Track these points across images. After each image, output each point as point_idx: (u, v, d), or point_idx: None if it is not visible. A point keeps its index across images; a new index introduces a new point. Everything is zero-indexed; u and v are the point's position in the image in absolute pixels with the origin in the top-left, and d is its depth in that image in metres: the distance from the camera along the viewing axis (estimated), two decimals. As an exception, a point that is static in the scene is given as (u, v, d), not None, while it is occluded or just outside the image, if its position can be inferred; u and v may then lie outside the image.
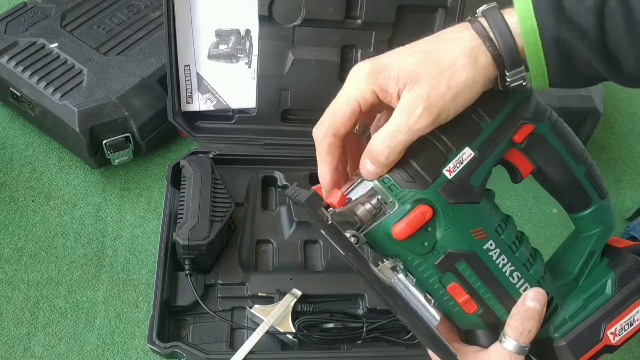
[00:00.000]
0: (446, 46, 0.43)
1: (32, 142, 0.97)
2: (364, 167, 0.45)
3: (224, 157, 0.88)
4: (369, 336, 0.75)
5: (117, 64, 0.93)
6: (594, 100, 0.97)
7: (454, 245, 0.47)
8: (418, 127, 0.42)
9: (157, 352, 0.69)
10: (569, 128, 0.50)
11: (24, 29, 0.96)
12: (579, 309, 0.51)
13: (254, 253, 0.82)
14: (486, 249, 0.48)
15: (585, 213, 0.52)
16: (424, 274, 0.48)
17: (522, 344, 0.48)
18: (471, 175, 0.46)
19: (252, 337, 0.71)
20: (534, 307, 0.48)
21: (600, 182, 0.51)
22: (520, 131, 0.47)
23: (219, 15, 0.87)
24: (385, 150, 0.43)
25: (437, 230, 0.46)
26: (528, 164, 0.49)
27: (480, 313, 0.49)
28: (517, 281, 0.49)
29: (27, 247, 0.85)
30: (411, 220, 0.45)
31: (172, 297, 0.75)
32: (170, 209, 0.82)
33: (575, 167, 0.50)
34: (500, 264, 0.48)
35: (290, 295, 0.76)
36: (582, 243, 0.53)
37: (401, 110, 0.42)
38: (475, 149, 0.46)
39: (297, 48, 0.88)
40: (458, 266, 0.47)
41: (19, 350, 0.76)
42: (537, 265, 0.50)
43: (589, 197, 0.51)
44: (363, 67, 0.44)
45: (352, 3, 0.86)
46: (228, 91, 0.90)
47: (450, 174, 0.45)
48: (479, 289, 0.48)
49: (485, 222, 0.48)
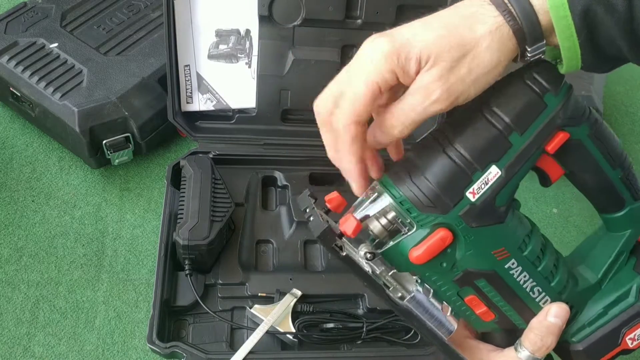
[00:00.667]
0: (469, 23, 0.39)
1: (32, 142, 0.96)
2: (372, 135, 0.43)
3: (224, 157, 0.88)
4: (369, 336, 0.75)
5: (117, 64, 0.93)
6: (594, 100, 0.97)
7: (474, 265, 0.44)
8: (433, 110, 0.40)
9: (157, 352, 0.69)
10: (609, 129, 0.46)
11: (24, 29, 0.96)
12: (599, 315, 0.49)
13: (254, 253, 0.82)
14: (507, 268, 0.45)
15: (618, 215, 0.49)
16: (442, 288, 0.46)
17: (537, 357, 0.47)
18: (497, 196, 0.42)
19: (252, 337, 0.71)
20: (555, 323, 0.47)
21: (635, 184, 0.48)
22: (555, 141, 0.43)
23: (219, 15, 0.87)
24: (399, 127, 0.41)
25: (457, 252, 0.43)
26: (559, 168, 0.46)
27: (497, 321, 0.48)
28: (537, 295, 0.47)
29: (27, 247, 0.85)
30: (430, 246, 0.42)
31: (172, 297, 0.75)
32: (170, 209, 0.82)
33: (612, 172, 0.46)
34: (522, 281, 0.46)
35: (290, 295, 0.76)
36: (611, 243, 0.50)
37: (418, 90, 0.40)
38: (502, 167, 0.41)
39: (297, 48, 0.88)
40: (477, 283, 0.45)
41: (19, 350, 0.76)
42: (559, 277, 0.48)
43: (623, 199, 0.48)
44: (381, 46, 0.40)
45: (352, 3, 0.86)
46: (228, 91, 0.90)
47: (474, 196, 0.42)
48: (497, 302, 0.47)
49: (508, 241, 0.45)
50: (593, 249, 0.52)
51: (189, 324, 0.75)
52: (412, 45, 0.39)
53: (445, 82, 0.39)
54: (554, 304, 0.47)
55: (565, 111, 0.42)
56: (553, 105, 0.42)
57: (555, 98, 0.42)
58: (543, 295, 0.47)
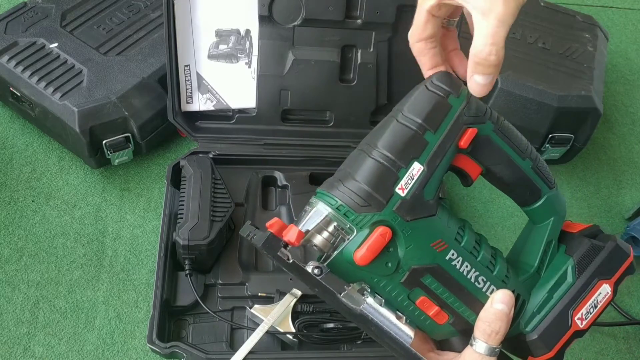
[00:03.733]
0: None
1: (32, 142, 0.96)
2: (474, 84, 0.45)
3: (224, 157, 0.88)
4: (369, 336, 0.75)
5: (117, 64, 0.93)
6: (594, 100, 0.97)
7: (417, 261, 0.47)
8: (506, 16, 0.42)
9: (157, 352, 0.69)
10: (511, 125, 0.51)
11: (24, 29, 0.96)
12: (544, 300, 0.52)
13: (254, 253, 0.82)
14: (449, 259, 0.48)
15: (537, 205, 0.53)
16: (392, 293, 0.48)
17: (492, 345, 0.49)
18: (424, 189, 0.47)
19: (252, 337, 0.71)
20: (501, 309, 0.49)
21: (547, 173, 0.53)
22: (465, 136, 0.48)
23: (219, 15, 0.87)
24: (493, 48, 0.42)
25: (398, 250, 0.46)
26: (476, 166, 0.50)
27: (451, 322, 0.50)
28: (482, 285, 0.50)
29: (27, 247, 0.85)
30: (372, 244, 0.45)
31: (172, 297, 0.75)
32: (170, 209, 0.82)
33: (522, 162, 0.51)
34: (465, 271, 0.49)
35: (290, 295, 0.76)
36: (539, 234, 0.54)
37: (481, 12, 0.42)
38: (423, 162, 0.47)
39: (297, 48, 0.88)
40: (424, 280, 0.48)
41: (19, 350, 0.76)
42: (499, 265, 0.51)
43: (539, 189, 0.52)
44: None
45: (352, 3, 0.86)
46: (228, 91, 0.90)
47: (403, 191, 0.46)
48: (447, 299, 0.49)
49: (444, 233, 0.48)
50: (524, 243, 0.56)
51: (189, 324, 0.75)
52: None
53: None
54: (497, 292, 0.50)
55: (469, 110, 0.48)
56: (457, 105, 0.47)
57: (457, 99, 0.48)
58: (488, 284, 0.50)
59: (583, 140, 1.00)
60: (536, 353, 0.52)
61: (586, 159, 1.11)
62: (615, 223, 1.03)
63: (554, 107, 0.94)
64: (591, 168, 1.10)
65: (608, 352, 0.88)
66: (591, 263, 0.53)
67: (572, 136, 0.99)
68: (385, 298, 0.48)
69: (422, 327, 0.50)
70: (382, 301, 0.48)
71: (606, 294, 0.53)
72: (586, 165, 1.10)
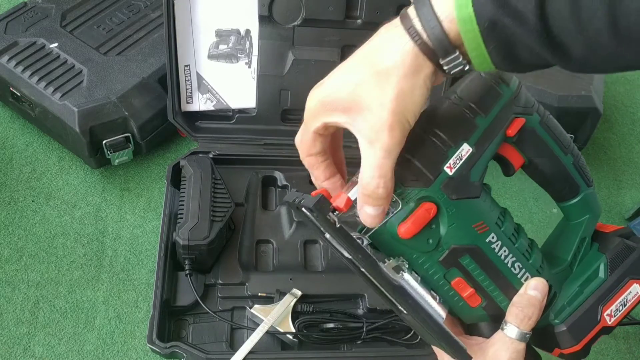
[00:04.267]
0: (383, 54, 0.41)
1: (32, 142, 0.97)
2: (364, 215, 0.44)
3: (224, 157, 0.88)
4: (369, 336, 0.75)
5: (117, 64, 0.93)
6: (594, 100, 0.97)
7: (458, 240, 0.48)
8: (391, 146, 0.41)
9: (157, 352, 0.69)
10: (556, 120, 0.52)
11: (24, 29, 0.96)
12: (575, 294, 0.53)
13: (254, 253, 0.82)
14: (488, 242, 0.49)
15: (574, 201, 0.54)
16: (429, 271, 0.49)
17: (523, 330, 0.49)
18: (470, 171, 0.47)
19: (252, 337, 0.71)
20: (535, 295, 0.50)
21: (586, 171, 0.54)
22: (513, 125, 0.48)
23: (219, 15, 0.87)
24: (380, 181, 0.42)
25: (441, 227, 0.47)
26: (520, 157, 0.51)
27: (484, 306, 0.50)
28: (518, 271, 0.50)
29: (27, 247, 0.85)
30: (417, 218, 0.46)
31: (172, 297, 0.75)
32: (170, 209, 0.82)
33: (564, 157, 0.52)
34: (502, 256, 0.50)
35: (290, 295, 0.76)
36: (573, 230, 0.55)
37: (367, 141, 0.42)
38: (472, 145, 0.47)
39: (297, 48, 0.88)
40: (462, 261, 0.48)
41: (19, 350, 0.76)
42: (535, 255, 0.52)
43: (577, 185, 0.53)
44: (313, 97, 0.45)
45: (352, 3, 0.86)
46: (228, 91, 0.90)
47: (451, 170, 0.46)
48: (482, 281, 0.49)
49: (486, 216, 0.49)
50: (558, 238, 0.56)
51: (189, 324, 0.75)
52: (336, 96, 0.43)
53: (384, 122, 0.40)
54: (532, 279, 0.51)
55: (518, 100, 0.49)
56: (507, 94, 0.48)
57: (508, 89, 0.48)
58: (523, 271, 0.51)
59: (583, 140, 1.00)
60: (564, 345, 0.53)
61: (586, 159, 1.09)
62: (615, 223, 1.03)
63: (554, 107, 0.94)
64: (591, 168, 1.09)
65: (608, 352, 0.88)
66: (623, 262, 0.53)
67: (572, 136, 0.99)
68: (422, 276, 0.49)
69: (455, 308, 0.51)
70: (418, 279, 0.48)
71: (636, 294, 0.53)
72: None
